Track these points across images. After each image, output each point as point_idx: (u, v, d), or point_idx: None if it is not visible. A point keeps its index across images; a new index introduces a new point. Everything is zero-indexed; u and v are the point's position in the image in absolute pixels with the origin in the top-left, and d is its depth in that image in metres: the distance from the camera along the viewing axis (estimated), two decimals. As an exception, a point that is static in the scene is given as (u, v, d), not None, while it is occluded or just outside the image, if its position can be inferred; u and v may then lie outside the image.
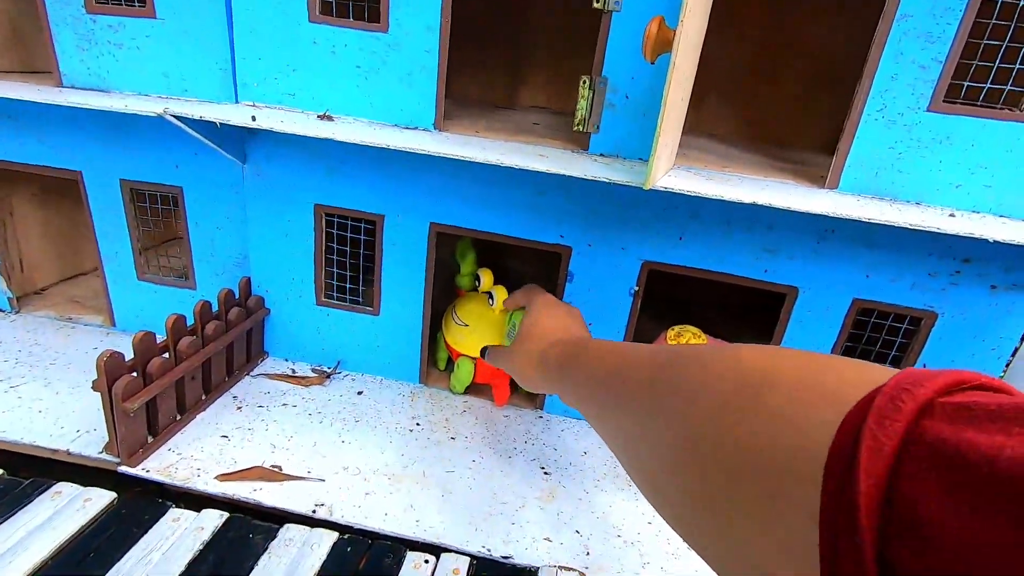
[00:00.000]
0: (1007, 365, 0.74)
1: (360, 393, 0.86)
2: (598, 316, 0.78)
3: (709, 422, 0.22)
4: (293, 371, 0.90)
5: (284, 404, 0.82)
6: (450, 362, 0.87)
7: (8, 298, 0.99)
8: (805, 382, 0.19)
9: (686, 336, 0.77)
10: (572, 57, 1.08)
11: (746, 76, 1.03)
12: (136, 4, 0.75)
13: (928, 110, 0.63)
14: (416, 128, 0.74)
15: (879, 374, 0.18)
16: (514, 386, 0.87)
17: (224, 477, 0.67)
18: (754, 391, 0.21)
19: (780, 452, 0.18)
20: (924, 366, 0.74)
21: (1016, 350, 0.77)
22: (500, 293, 0.77)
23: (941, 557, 0.13)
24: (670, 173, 0.65)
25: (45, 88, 0.77)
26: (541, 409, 0.87)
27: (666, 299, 1.01)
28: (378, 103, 0.74)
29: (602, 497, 0.71)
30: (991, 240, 0.56)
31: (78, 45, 0.78)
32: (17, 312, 1.00)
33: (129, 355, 0.67)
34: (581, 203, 0.74)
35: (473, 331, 0.80)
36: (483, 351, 0.67)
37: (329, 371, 0.90)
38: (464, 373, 0.82)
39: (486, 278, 0.80)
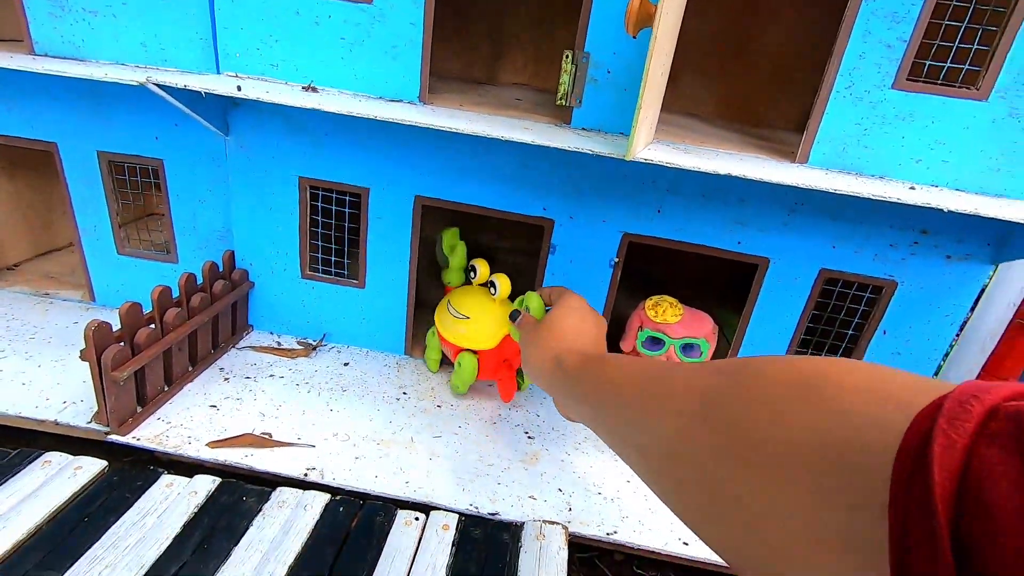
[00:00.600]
0: (959, 331, 0.80)
1: (346, 364, 0.88)
2: (579, 287, 0.81)
3: (763, 417, 0.24)
4: (279, 343, 0.91)
5: (271, 375, 0.83)
6: (444, 363, 0.87)
7: (-19, 273, 0.97)
8: (871, 387, 0.21)
9: (663, 306, 0.80)
10: (554, 34, 1.09)
11: (721, 54, 1.05)
12: (112, -30, 0.74)
13: (893, 88, 0.66)
14: (401, 101, 0.74)
15: (940, 385, 0.19)
16: (519, 381, 0.85)
17: (215, 444, 0.68)
18: (815, 392, 0.22)
19: (838, 447, 0.20)
20: (885, 332, 0.79)
21: (967, 319, 0.82)
22: (503, 281, 0.75)
23: (1012, 539, 0.14)
24: (650, 146, 0.67)
25: (19, 56, 0.75)
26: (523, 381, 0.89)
27: (643, 276, 1.04)
28: (363, 75, 0.74)
29: (583, 459, 0.75)
30: (946, 210, 0.60)
31: (50, 12, 0.77)
32: (-9, 287, 0.98)
33: (115, 328, 0.67)
34: (564, 177, 0.76)
35: (476, 322, 0.76)
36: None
37: (315, 343, 0.91)
38: (467, 370, 0.77)
39: (483, 268, 0.78)
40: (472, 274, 0.79)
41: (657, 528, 0.65)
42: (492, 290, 0.76)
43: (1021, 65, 0.63)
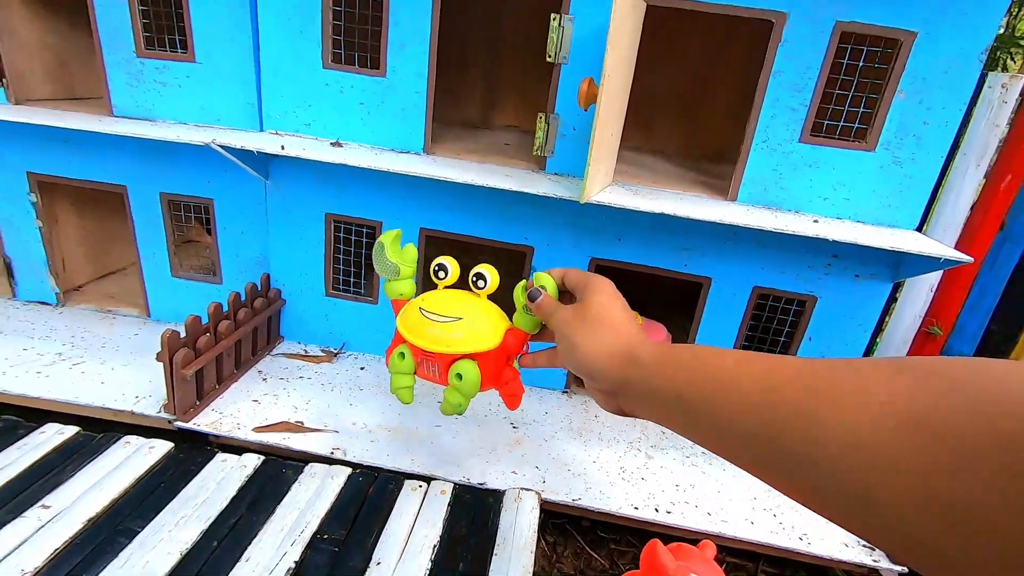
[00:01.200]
0: (874, 337, 0.95)
1: (362, 368, 1.04)
2: (556, 302, 0.97)
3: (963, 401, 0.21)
4: (306, 351, 1.08)
5: (300, 377, 0.99)
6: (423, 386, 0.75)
7: (55, 293, 1.15)
8: None
9: (625, 317, 0.96)
10: (539, 84, 1.28)
11: (687, 99, 1.23)
12: (179, 50, 0.93)
13: (799, 141, 0.83)
14: (409, 152, 0.92)
15: None
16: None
17: (259, 429, 0.85)
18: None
19: None
20: (810, 339, 0.94)
21: (881, 327, 0.98)
22: (492, 272, 0.62)
23: None
24: (607, 189, 0.84)
25: (107, 119, 0.94)
26: (512, 380, 1.06)
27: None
28: (378, 132, 0.92)
29: (557, 444, 0.90)
30: (841, 241, 0.76)
31: (128, 83, 0.95)
32: (63, 306, 1.16)
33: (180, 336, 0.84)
34: (542, 212, 0.93)
35: (473, 321, 0.60)
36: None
37: (336, 351, 1.08)
38: (471, 380, 0.60)
39: (454, 265, 0.64)
40: (442, 274, 0.64)
41: (615, 497, 0.80)
42: (481, 283, 0.62)
43: (898, 124, 0.80)
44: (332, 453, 0.82)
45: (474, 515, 0.74)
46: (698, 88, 1.22)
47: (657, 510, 0.78)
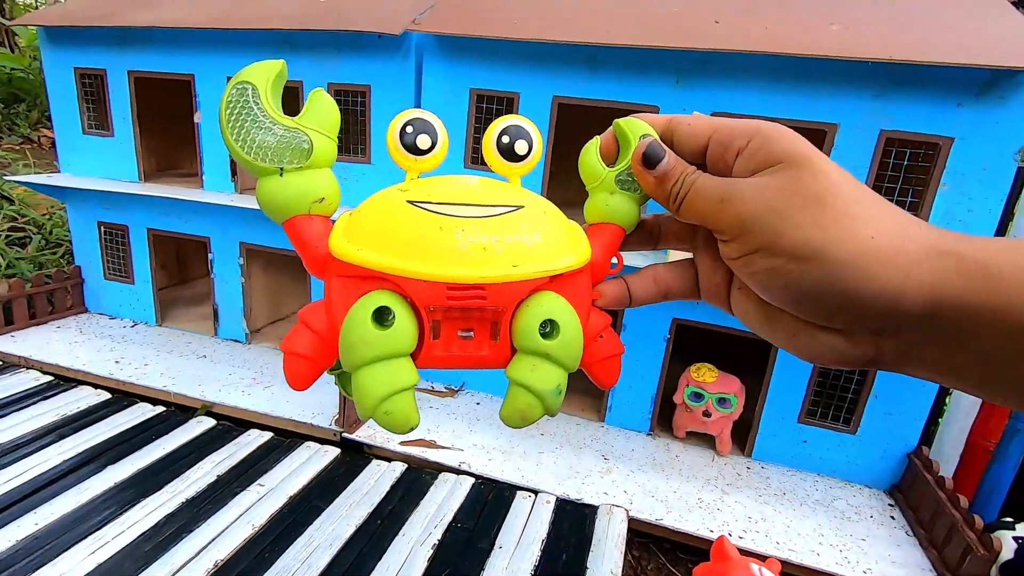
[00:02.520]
0: (939, 401, 1.04)
1: (479, 403, 1.26)
2: (640, 357, 1.15)
3: None
4: (432, 387, 1.32)
5: (430, 407, 1.23)
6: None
7: (245, 334, 1.49)
8: None
9: (703, 370, 1.12)
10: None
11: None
12: (360, 156, 1.25)
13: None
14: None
15: None
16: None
17: (404, 443, 1.08)
18: None
19: None
20: (876, 396, 1.05)
21: (946, 396, 1.06)
22: (534, 130, 0.27)
23: None
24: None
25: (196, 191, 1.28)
26: (603, 422, 1.23)
27: (690, 349, 1.36)
28: (502, 215, 1.18)
29: (642, 475, 1.06)
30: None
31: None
32: (250, 344, 1.49)
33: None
34: (631, 279, 1.13)
35: (543, 214, 0.25)
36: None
37: (456, 389, 1.32)
38: (571, 337, 0.24)
39: (440, 127, 0.27)
40: (424, 141, 0.26)
41: (692, 521, 0.94)
42: (520, 147, 0.27)
43: (944, 211, 0.94)
44: (459, 466, 1.03)
45: (573, 521, 0.92)
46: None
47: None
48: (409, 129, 0.25)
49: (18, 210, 1.89)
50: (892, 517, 1.01)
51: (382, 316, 0.22)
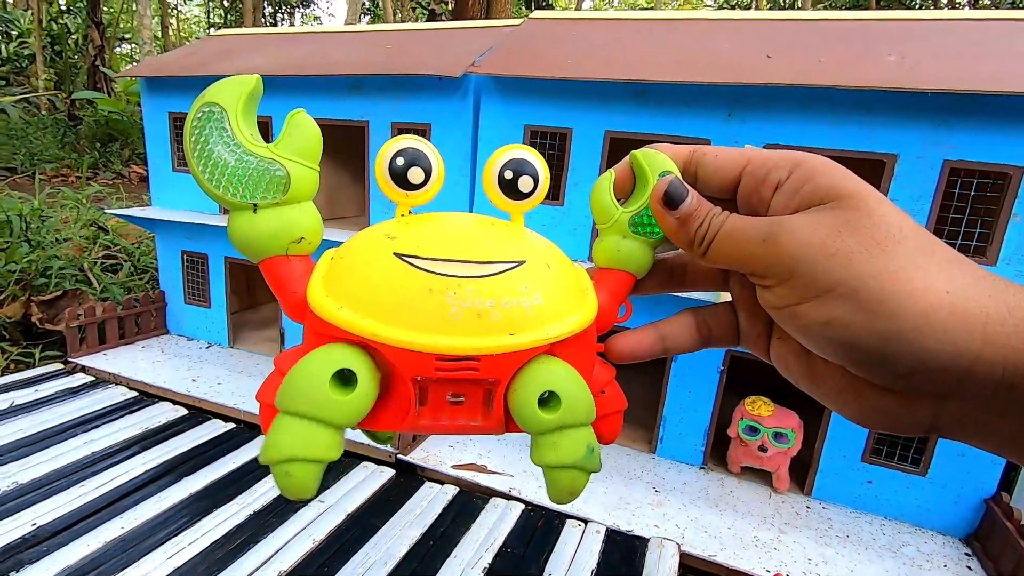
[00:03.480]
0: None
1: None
2: (693, 388, 1.14)
3: None
4: (484, 413, 1.34)
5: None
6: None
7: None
8: None
9: (758, 403, 1.10)
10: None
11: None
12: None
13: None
14: (579, 261, 1.19)
15: None
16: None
17: (456, 467, 1.11)
18: None
19: None
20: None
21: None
22: (541, 162, 0.25)
23: None
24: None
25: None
26: (653, 453, 1.22)
27: (745, 381, 1.32)
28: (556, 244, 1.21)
29: (695, 510, 1.04)
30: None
31: (382, 209, 1.37)
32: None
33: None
34: (682, 309, 1.13)
35: (546, 270, 0.22)
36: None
37: (507, 415, 1.34)
38: (577, 403, 0.22)
39: (435, 155, 0.24)
40: (416, 175, 0.23)
41: (748, 559, 0.92)
42: (524, 184, 0.24)
43: (1016, 242, 0.90)
44: (510, 491, 1.05)
45: (623, 553, 0.91)
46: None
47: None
48: (399, 160, 0.22)
49: (112, 239, 2.08)
50: (969, 567, 0.95)
51: (343, 377, 0.19)
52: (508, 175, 0.23)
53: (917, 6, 8.18)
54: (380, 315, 0.19)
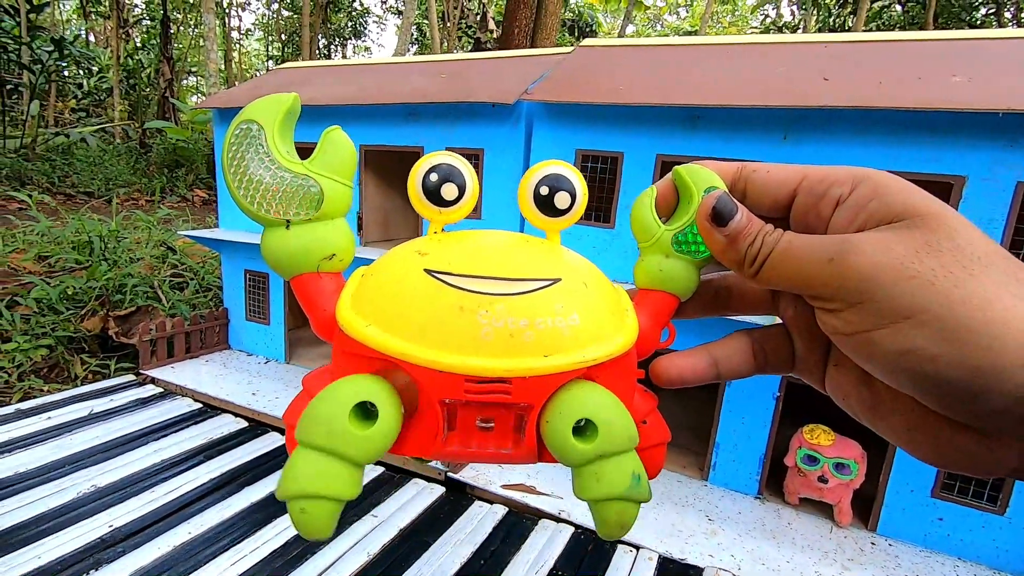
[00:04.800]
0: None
1: (576, 453, 1.27)
2: (748, 415, 1.12)
3: None
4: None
5: (529, 453, 1.26)
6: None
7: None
8: None
9: (817, 431, 1.06)
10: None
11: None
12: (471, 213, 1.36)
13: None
14: (624, 283, 1.20)
15: None
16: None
17: (505, 487, 1.11)
18: None
19: None
20: None
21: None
22: (579, 178, 0.23)
23: None
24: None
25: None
26: (706, 480, 1.19)
27: (802, 407, 1.28)
28: (605, 268, 1.22)
29: (751, 540, 1.01)
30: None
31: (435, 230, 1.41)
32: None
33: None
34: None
35: (584, 288, 0.21)
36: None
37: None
38: (618, 432, 0.20)
39: (470, 172, 0.23)
40: (450, 192, 0.22)
41: (809, 595, 0.88)
42: (561, 200, 0.23)
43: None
44: (559, 513, 1.04)
45: (677, 582, 0.89)
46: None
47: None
48: (433, 177, 0.22)
49: (179, 259, 2.21)
50: (1056, 617, 0.88)
51: (365, 410, 0.19)
52: (544, 191, 0.22)
53: (979, 24, 7.89)
54: (408, 333, 0.19)
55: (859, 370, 0.19)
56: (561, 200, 0.22)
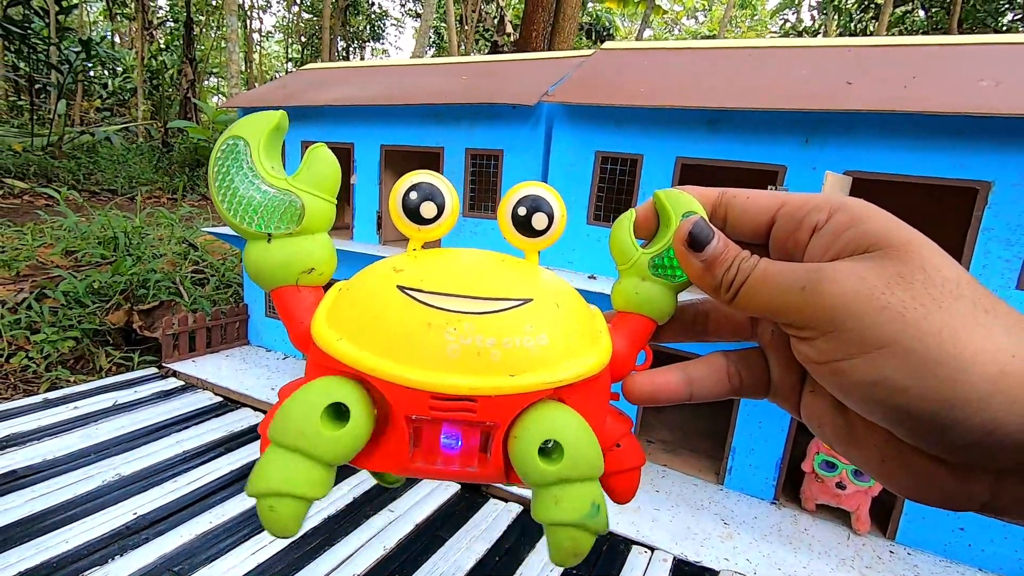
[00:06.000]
0: None
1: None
2: (763, 417, 1.11)
3: None
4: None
5: (544, 453, 1.26)
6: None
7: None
8: None
9: (836, 437, 1.05)
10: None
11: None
12: (491, 212, 1.37)
13: (1016, 288, 0.90)
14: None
15: None
16: None
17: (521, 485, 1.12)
18: None
19: None
20: None
21: None
22: (557, 199, 0.23)
23: None
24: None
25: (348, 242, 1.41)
26: (721, 484, 1.18)
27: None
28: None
29: (767, 546, 1.00)
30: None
31: (456, 232, 1.42)
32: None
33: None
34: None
35: (556, 309, 0.21)
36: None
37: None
38: (585, 454, 0.20)
39: (450, 191, 0.23)
40: (428, 210, 0.23)
41: (826, 601, 0.87)
42: (538, 220, 0.23)
43: None
44: (574, 513, 1.05)
45: (693, 584, 0.89)
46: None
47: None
48: (413, 195, 0.23)
49: (201, 255, 2.25)
50: (1081, 630, 0.87)
51: (337, 412, 0.19)
52: (522, 212, 0.23)
53: (1005, 30, 7.75)
54: (378, 348, 0.19)
55: (834, 399, 0.19)
56: (538, 221, 0.22)
